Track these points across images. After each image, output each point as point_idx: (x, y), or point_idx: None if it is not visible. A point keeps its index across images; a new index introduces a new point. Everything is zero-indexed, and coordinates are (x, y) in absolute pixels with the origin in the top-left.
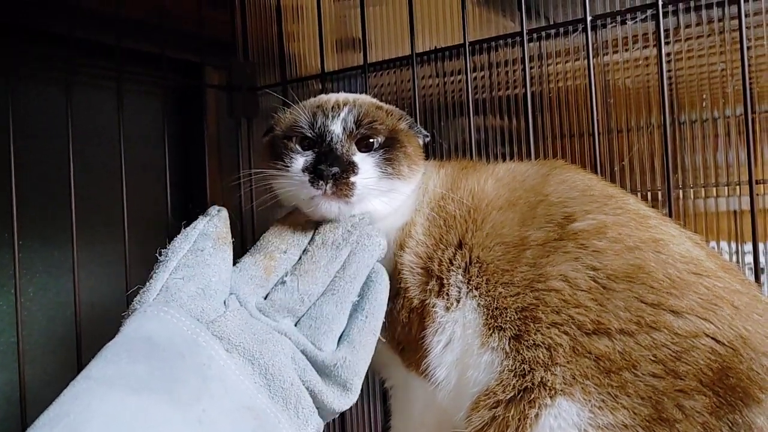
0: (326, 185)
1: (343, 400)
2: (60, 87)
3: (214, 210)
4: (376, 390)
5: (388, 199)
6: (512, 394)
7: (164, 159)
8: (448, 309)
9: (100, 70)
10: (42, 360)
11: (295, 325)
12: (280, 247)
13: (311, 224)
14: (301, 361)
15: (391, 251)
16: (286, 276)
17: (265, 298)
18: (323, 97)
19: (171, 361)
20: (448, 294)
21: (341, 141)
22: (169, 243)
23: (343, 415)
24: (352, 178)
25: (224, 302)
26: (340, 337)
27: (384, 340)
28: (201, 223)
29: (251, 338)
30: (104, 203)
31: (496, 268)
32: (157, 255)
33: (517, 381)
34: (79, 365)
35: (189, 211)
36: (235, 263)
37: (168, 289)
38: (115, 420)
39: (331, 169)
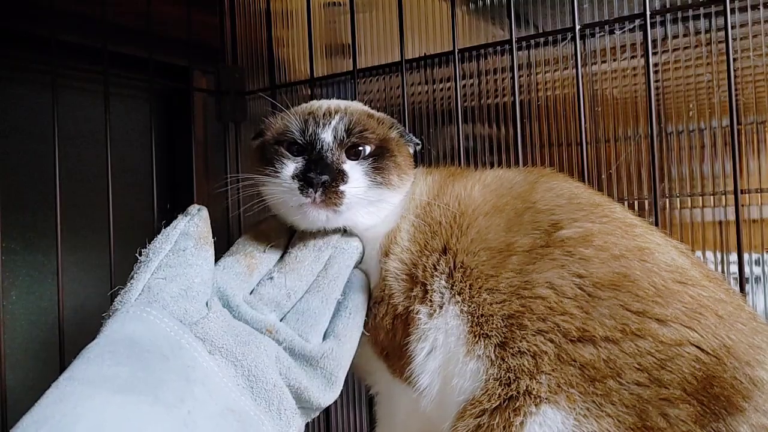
0: (315, 193)
1: (327, 395)
2: (46, 90)
3: (194, 209)
4: (362, 397)
5: (376, 208)
6: (497, 403)
7: (151, 163)
8: (431, 316)
9: (87, 73)
10: (24, 364)
11: (281, 321)
12: (259, 248)
13: (285, 229)
14: (285, 360)
15: (377, 258)
16: (273, 272)
17: (250, 294)
18: (315, 103)
19: (154, 362)
20: (431, 300)
21: (331, 149)
22: (150, 244)
23: (328, 421)
24: (342, 187)
25: (206, 303)
26: (325, 333)
27: (368, 334)
28: (181, 223)
29: (234, 340)
30: (89, 207)
31: (480, 273)
32: (137, 255)
33: (503, 390)
34: (62, 370)
35: (171, 212)
36: (215, 263)
37: (150, 290)
38: (102, 422)
39: (321, 177)
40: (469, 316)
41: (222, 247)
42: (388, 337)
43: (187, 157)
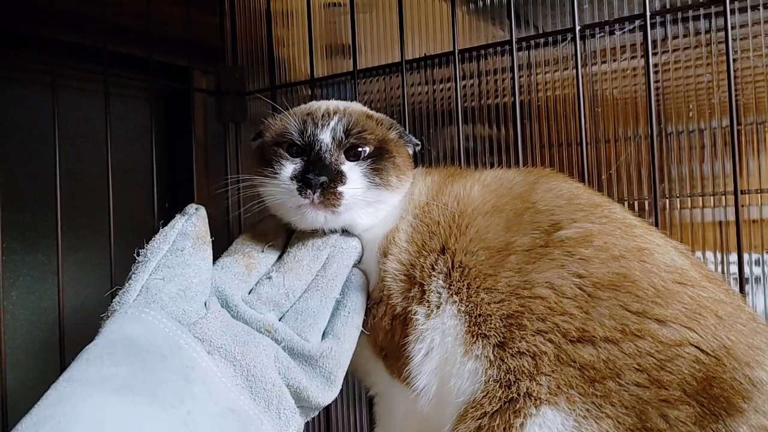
0: (314, 194)
1: (326, 394)
2: (46, 90)
3: (191, 209)
4: (362, 397)
5: (374, 209)
6: (498, 406)
7: (151, 163)
8: (428, 316)
9: (87, 73)
10: (24, 364)
11: (280, 320)
12: (257, 248)
13: (283, 229)
14: (284, 360)
15: (376, 259)
16: (271, 272)
17: (249, 294)
18: (314, 104)
19: (153, 362)
20: (428, 301)
21: (330, 150)
22: (148, 244)
23: (328, 421)
24: (340, 188)
25: (205, 304)
26: (324, 332)
27: (367, 333)
28: (179, 223)
29: (232, 340)
30: (90, 207)
31: (478, 272)
32: (135, 255)
33: (503, 392)
34: (62, 370)
35: (167, 211)
36: (213, 263)
37: (148, 290)
38: (101, 421)
39: (319, 178)
40: (467, 316)
41: (222, 247)
42: (387, 338)
43: (187, 157)
